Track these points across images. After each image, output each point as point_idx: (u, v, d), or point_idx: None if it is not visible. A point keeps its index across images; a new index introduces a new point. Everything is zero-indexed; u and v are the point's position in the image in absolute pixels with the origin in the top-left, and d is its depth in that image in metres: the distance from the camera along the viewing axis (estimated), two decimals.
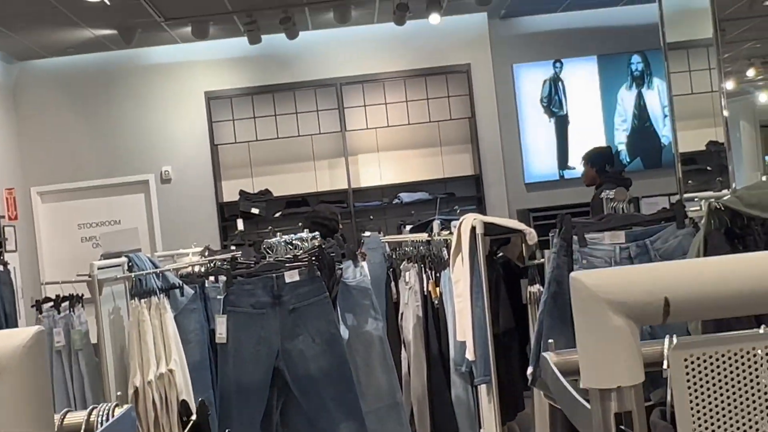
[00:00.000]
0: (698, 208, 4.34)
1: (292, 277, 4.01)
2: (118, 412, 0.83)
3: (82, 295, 5.28)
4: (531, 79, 9.91)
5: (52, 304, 5.11)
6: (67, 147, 9.46)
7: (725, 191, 4.68)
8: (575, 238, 3.26)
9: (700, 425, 0.65)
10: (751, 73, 7.97)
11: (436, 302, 5.31)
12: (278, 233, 4.90)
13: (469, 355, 4.71)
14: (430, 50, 9.54)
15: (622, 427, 0.62)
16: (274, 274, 4.02)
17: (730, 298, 0.63)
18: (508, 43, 9.86)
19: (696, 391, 0.65)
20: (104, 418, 0.83)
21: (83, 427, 0.74)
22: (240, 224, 9.23)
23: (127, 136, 9.51)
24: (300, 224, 8.86)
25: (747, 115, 7.97)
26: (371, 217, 9.39)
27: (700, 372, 0.65)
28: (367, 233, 7.27)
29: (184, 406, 1.61)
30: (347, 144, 9.55)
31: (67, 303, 5.09)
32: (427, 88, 9.62)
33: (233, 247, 8.10)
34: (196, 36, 8.52)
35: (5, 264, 7.75)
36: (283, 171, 9.59)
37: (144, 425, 4.44)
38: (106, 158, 9.49)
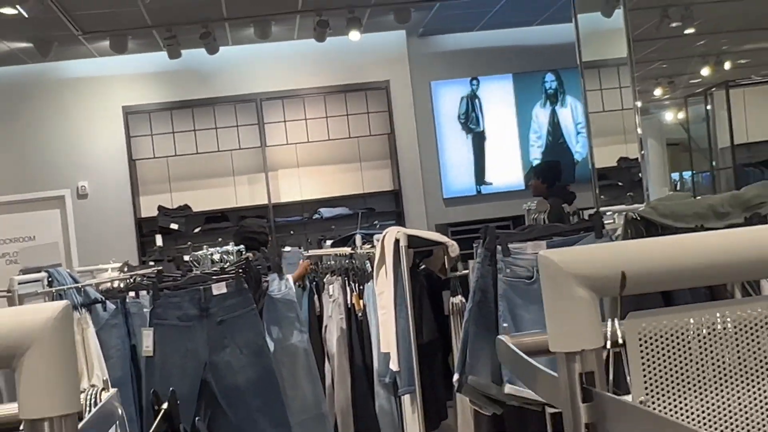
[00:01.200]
0: (612, 221, 4.51)
1: (219, 289, 4.03)
2: (105, 395, 0.87)
3: None
4: (449, 96, 10.09)
5: None
6: None
7: (637, 205, 4.87)
8: (499, 248, 3.36)
9: (650, 390, 0.74)
10: (658, 92, 8.26)
11: (360, 314, 5.38)
12: (205, 246, 4.91)
13: (393, 365, 4.79)
14: (350, 67, 9.64)
15: (586, 385, 0.69)
16: (201, 287, 4.04)
17: (677, 272, 0.72)
18: (426, 61, 10.03)
19: (646, 358, 0.73)
20: (92, 402, 0.87)
21: None
22: (159, 240, 9.15)
23: (43, 150, 9.36)
24: (220, 239, 8.86)
25: (654, 133, 8.25)
26: (292, 232, 9.41)
27: (650, 341, 0.74)
28: (288, 248, 7.31)
29: (155, 395, 1.64)
30: (267, 159, 9.57)
31: None
32: (347, 104, 9.72)
33: (152, 263, 8.02)
34: (115, 50, 8.45)
35: None
36: (203, 186, 9.55)
37: None
38: (21, 173, 9.32)
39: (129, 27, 8.12)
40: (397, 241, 4.76)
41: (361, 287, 5.35)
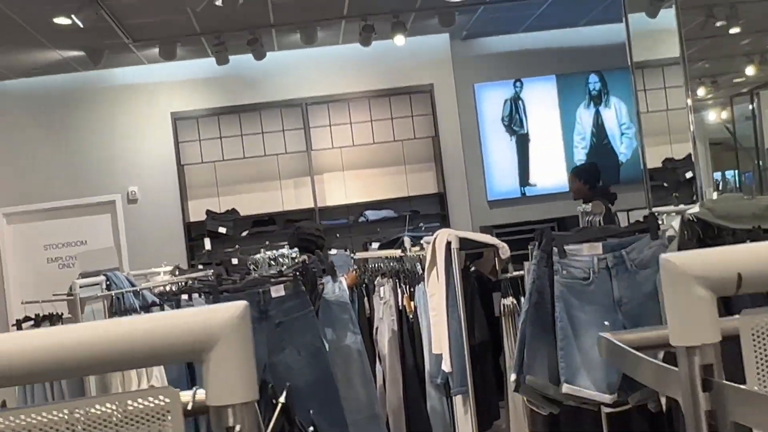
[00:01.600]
0: (661, 221, 4.54)
1: (278, 291, 4.12)
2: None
3: (62, 314, 5.34)
4: (492, 99, 10.13)
5: (32, 323, 5.16)
6: (34, 168, 9.47)
7: (685, 206, 4.87)
8: (555, 249, 3.41)
9: (761, 380, 0.80)
10: (701, 91, 8.24)
11: (411, 316, 5.44)
12: (262, 250, 5.00)
13: (446, 366, 4.85)
14: (394, 71, 9.72)
15: (705, 376, 0.76)
16: (260, 290, 4.13)
17: None
18: (470, 64, 10.08)
19: (758, 351, 0.80)
20: None
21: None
22: (207, 243, 9.29)
23: (94, 156, 9.55)
24: (267, 243, 8.97)
25: (698, 132, 8.23)
26: (337, 235, 9.50)
27: (761, 335, 0.80)
28: (334, 251, 7.40)
29: (272, 389, 1.73)
30: (313, 163, 9.68)
31: (47, 322, 5.16)
32: (392, 108, 9.80)
33: (201, 266, 8.16)
34: (164, 57, 8.61)
35: None
36: (250, 190, 9.68)
37: None
38: (73, 179, 9.51)
39: (178, 34, 8.27)
40: (448, 244, 4.82)
41: (412, 289, 5.42)
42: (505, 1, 8.46)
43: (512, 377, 3.64)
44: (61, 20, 7.22)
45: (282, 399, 1.56)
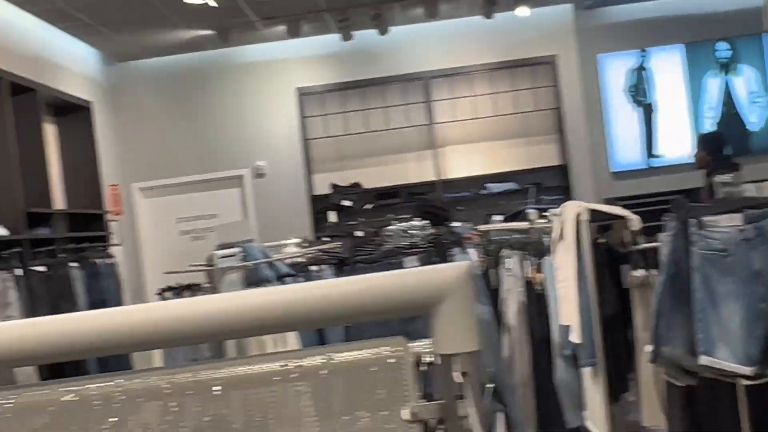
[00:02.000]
0: None
1: (411, 262, 4.22)
2: None
3: (199, 284, 5.58)
4: (616, 69, 9.97)
5: (175, 292, 5.42)
6: (166, 144, 9.84)
7: None
8: (692, 221, 3.39)
9: None
10: None
11: (538, 288, 5.47)
12: (393, 221, 5.10)
13: (575, 338, 4.86)
14: (517, 43, 9.67)
15: None
16: (394, 261, 4.23)
17: None
18: (594, 34, 9.93)
19: None
20: None
21: None
22: (332, 216, 9.50)
23: (223, 132, 9.85)
24: (390, 215, 9.11)
25: None
26: (460, 207, 9.54)
27: None
28: (458, 223, 7.45)
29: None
30: (435, 136, 9.75)
31: (188, 291, 5.40)
32: (514, 80, 9.77)
33: (326, 239, 8.33)
34: (290, 34, 8.80)
35: (112, 257, 8.17)
36: (373, 164, 9.83)
37: None
38: (203, 154, 9.85)
39: (304, 12, 8.43)
40: (577, 216, 4.82)
41: (539, 261, 5.45)
42: None
43: (648, 348, 3.64)
44: (194, 0, 7.47)
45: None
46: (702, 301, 3.35)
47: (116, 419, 0.90)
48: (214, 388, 0.82)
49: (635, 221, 4.98)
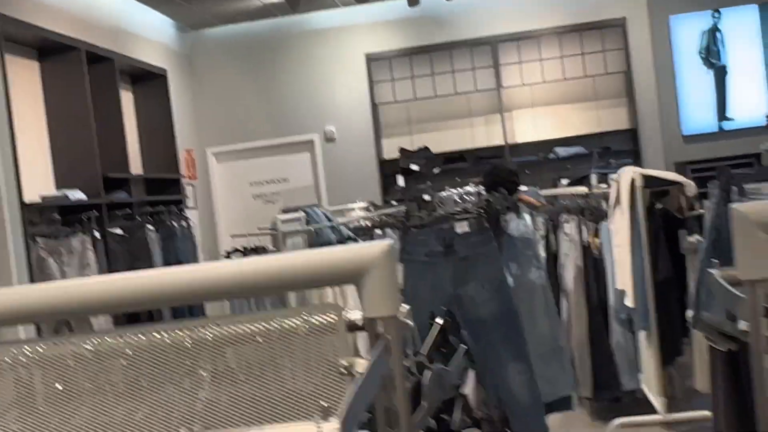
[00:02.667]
0: None
1: (462, 228, 4.34)
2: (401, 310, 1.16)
3: (266, 247, 5.79)
4: (688, 31, 9.83)
5: (241, 253, 5.65)
6: (238, 110, 10.09)
7: None
8: (734, 189, 3.44)
9: None
10: None
11: (596, 253, 5.54)
12: (446, 187, 5.23)
13: (629, 302, 4.94)
14: (585, 5, 9.62)
15: (765, 304, 0.91)
16: (446, 226, 4.36)
17: None
18: None
19: None
20: None
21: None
22: (401, 180, 9.65)
23: (293, 98, 10.06)
24: (458, 179, 9.20)
25: None
26: (527, 171, 9.58)
27: None
28: (524, 188, 7.51)
29: (431, 314, 1.97)
30: (503, 100, 9.79)
31: (254, 253, 5.61)
32: (582, 44, 9.73)
33: (394, 203, 8.46)
34: (359, 1, 8.90)
35: (187, 220, 8.45)
36: (441, 128, 9.92)
37: None
38: (274, 119, 10.07)
39: None
40: (633, 181, 4.88)
41: (597, 226, 5.51)
42: None
43: (690, 313, 3.70)
44: None
45: (439, 320, 1.78)
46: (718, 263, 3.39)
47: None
48: (189, 343, 0.97)
49: (691, 187, 5.02)
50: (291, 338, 0.94)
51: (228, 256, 5.78)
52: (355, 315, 0.98)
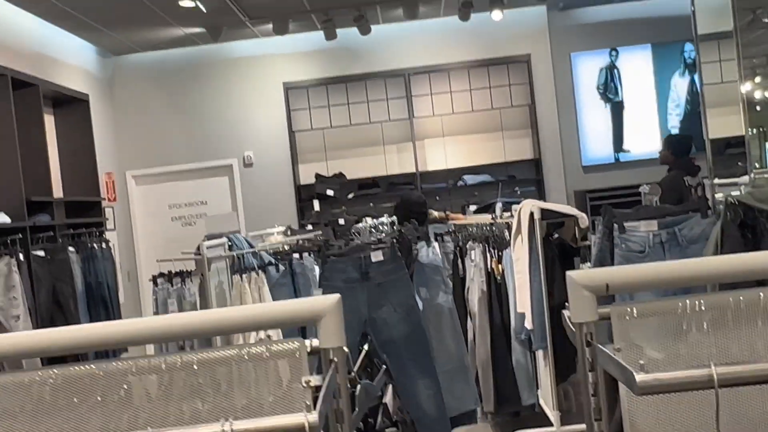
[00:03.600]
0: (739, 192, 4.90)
1: (377, 257, 4.74)
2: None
3: (190, 271, 6.08)
4: (588, 67, 10.48)
5: (167, 279, 5.92)
6: (158, 134, 10.33)
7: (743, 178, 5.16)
8: (616, 225, 3.92)
9: (617, 346, 1.36)
10: None
11: (499, 278, 5.99)
12: (365, 218, 5.62)
13: (528, 324, 5.39)
14: (493, 42, 10.17)
15: (588, 340, 1.31)
16: (362, 255, 4.75)
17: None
18: (567, 34, 10.44)
19: (618, 328, 1.35)
20: None
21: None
22: (316, 205, 10.00)
23: (213, 123, 10.34)
24: (372, 204, 9.63)
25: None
26: (437, 198, 10.06)
27: (622, 318, 1.36)
28: (435, 213, 7.97)
29: (362, 337, 2.34)
30: (415, 130, 10.25)
31: (179, 278, 5.90)
32: (490, 78, 10.27)
33: (310, 227, 8.81)
34: (277, 32, 9.26)
35: (107, 242, 8.65)
36: (356, 155, 10.33)
37: None
38: (194, 144, 10.34)
39: (290, 12, 8.90)
40: (531, 214, 5.34)
41: (500, 253, 5.96)
42: None
43: None
44: (186, 3, 7.94)
45: (365, 347, 2.16)
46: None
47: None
48: (173, 367, 1.33)
49: (584, 219, 5.50)
50: (269, 360, 1.30)
51: (154, 281, 6.04)
52: (314, 344, 1.34)
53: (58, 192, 8.52)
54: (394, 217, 5.83)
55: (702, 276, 1.38)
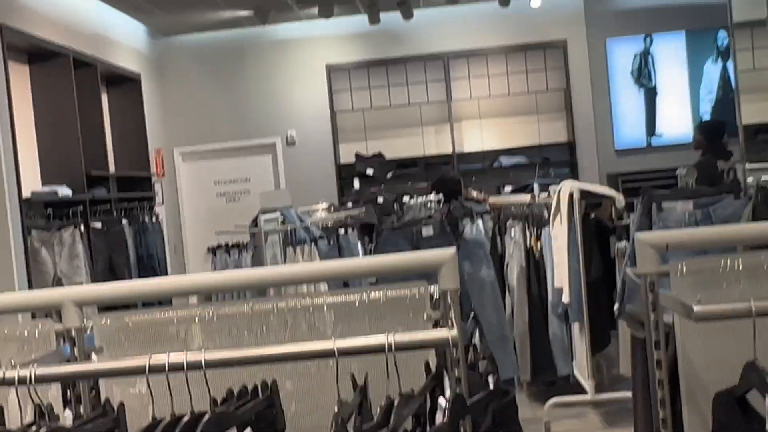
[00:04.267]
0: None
1: (428, 231, 5.08)
2: None
3: (246, 243, 6.46)
4: (623, 53, 10.73)
5: (225, 250, 6.31)
6: (205, 113, 10.71)
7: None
8: (654, 205, 4.23)
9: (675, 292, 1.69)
10: None
11: (537, 255, 6.31)
12: (414, 195, 5.95)
13: (565, 298, 5.72)
14: (530, 27, 10.44)
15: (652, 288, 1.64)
16: (414, 229, 5.09)
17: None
18: (602, 19, 10.68)
19: (676, 281, 1.68)
20: None
21: None
22: (356, 183, 10.36)
23: (258, 103, 10.71)
24: (410, 183, 9.94)
25: None
26: (473, 178, 10.35)
27: (680, 273, 1.68)
28: (474, 192, 8.29)
29: None
30: (452, 112, 10.57)
31: (236, 249, 6.28)
32: (527, 62, 10.56)
33: (350, 204, 9.13)
34: (322, 15, 9.59)
35: (157, 216, 9.05)
36: (394, 136, 10.66)
37: None
38: (239, 123, 10.71)
39: None
40: (571, 194, 5.66)
41: (539, 231, 6.28)
42: None
43: (616, 306, 4.50)
44: None
45: None
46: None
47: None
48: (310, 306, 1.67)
49: (620, 200, 5.83)
50: (415, 300, 1.65)
51: (213, 251, 6.42)
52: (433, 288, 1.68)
53: (111, 167, 8.90)
54: (441, 195, 6.16)
55: (736, 238, 1.71)
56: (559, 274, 5.81)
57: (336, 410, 1.34)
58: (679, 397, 1.74)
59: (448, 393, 1.49)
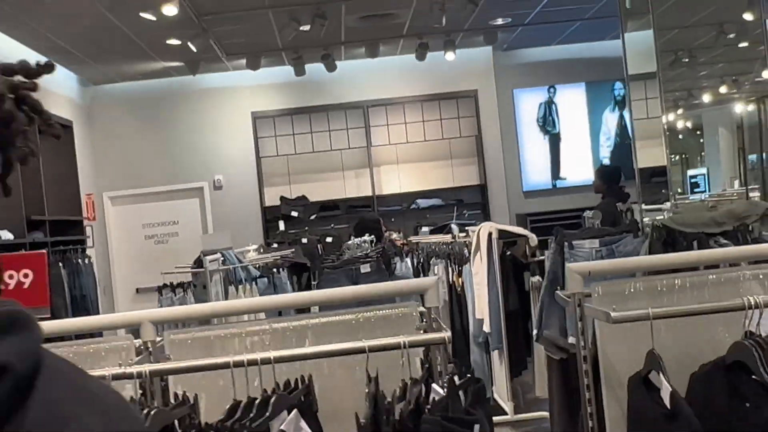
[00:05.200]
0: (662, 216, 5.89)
1: (365, 268, 5.64)
2: None
3: (190, 282, 6.88)
4: (529, 102, 11.56)
5: (171, 289, 6.71)
6: (135, 158, 11.07)
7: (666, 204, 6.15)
8: (566, 243, 4.88)
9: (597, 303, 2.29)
10: (723, 89, 9.34)
11: (459, 289, 6.91)
12: (351, 236, 6.49)
13: (486, 328, 6.32)
14: (444, 78, 11.16)
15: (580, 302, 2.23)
16: (353, 267, 5.64)
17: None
18: (510, 72, 11.50)
19: (596, 295, 2.28)
20: None
21: None
22: (281, 225, 10.85)
23: (186, 148, 11.13)
24: (332, 225, 10.48)
25: (725, 121, 9.09)
26: (392, 219, 10.97)
27: (599, 294, 2.30)
28: (394, 235, 8.90)
29: None
30: (372, 157, 11.18)
31: (180, 288, 6.69)
32: (441, 110, 11.27)
33: (275, 245, 9.59)
34: (250, 67, 10.10)
35: (89, 258, 9.37)
36: (317, 179, 11.20)
37: None
38: (168, 168, 11.10)
39: (264, 50, 9.76)
40: (490, 234, 6.29)
41: (460, 268, 6.88)
42: (540, 23, 9.87)
43: (534, 332, 5.11)
44: (173, 41, 8.76)
45: None
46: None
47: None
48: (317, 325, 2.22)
49: (533, 239, 6.48)
50: (399, 317, 2.20)
51: (159, 291, 6.82)
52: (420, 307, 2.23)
53: (46, 212, 9.18)
54: (373, 236, 6.71)
55: (638, 268, 2.33)
56: (480, 306, 6.40)
57: (366, 391, 1.88)
58: (599, 383, 2.32)
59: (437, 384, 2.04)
